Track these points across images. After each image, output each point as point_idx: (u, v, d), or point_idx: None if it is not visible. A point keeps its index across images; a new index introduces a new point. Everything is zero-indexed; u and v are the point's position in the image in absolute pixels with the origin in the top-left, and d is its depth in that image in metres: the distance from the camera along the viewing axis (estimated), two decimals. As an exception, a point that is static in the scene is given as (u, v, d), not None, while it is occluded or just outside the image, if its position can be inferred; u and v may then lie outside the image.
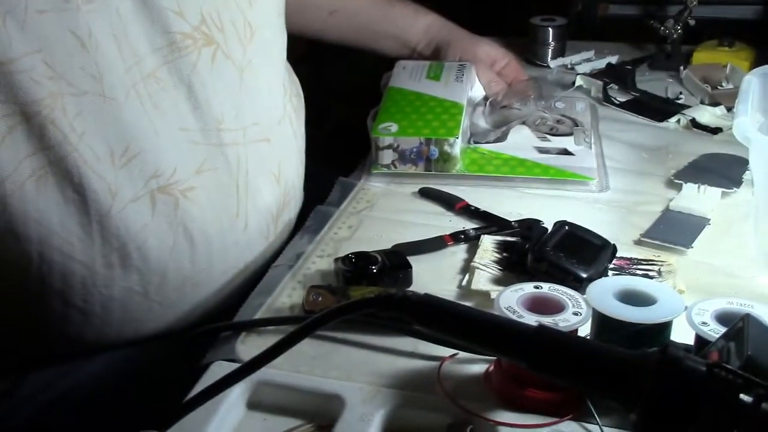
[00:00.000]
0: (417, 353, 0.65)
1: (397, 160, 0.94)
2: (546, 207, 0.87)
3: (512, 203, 0.89)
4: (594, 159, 0.96)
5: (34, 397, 0.77)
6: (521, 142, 0.99)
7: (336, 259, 0.75)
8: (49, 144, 0.66)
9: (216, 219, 0.77)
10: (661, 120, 1.12)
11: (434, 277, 0.76)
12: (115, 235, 0.71)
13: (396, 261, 0.74)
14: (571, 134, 1.01)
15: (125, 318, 0.76)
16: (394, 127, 0.95)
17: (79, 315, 0.74)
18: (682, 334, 0.59)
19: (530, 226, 0.82)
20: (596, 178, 0.92)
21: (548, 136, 1.00)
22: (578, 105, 1.10)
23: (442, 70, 1.08)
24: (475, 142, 1.00)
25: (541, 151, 0.97)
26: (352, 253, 0.74)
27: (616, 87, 1.21)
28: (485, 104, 1.07)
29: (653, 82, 1.25)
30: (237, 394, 0.60)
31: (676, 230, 0.82)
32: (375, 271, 0.72)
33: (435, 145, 0.93)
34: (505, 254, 0.78)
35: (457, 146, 0.93)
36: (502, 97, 1.09)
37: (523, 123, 1.03)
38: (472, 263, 0.77)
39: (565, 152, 0.96)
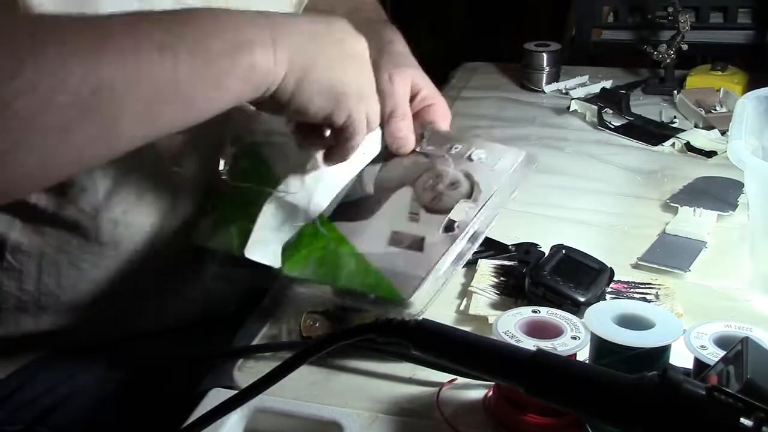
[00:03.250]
0: (415, 379, 0.65)
1: None
2: (543, 230, 0.87)
3: (509, 226, 0.89)
4: (436, 267, 0.66)
5: (35, 401, 0.77)
6: (385, 222, 0.72)
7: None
8: None
9: None
10: (655, 144, 1.12)
11: (432, 301, 0.76)
12: None
13: None
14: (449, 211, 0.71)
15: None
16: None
17: None
18: (680, 358, 0.59)
19: (527, 249, 0.82)
20: (411, 301, 0.65)
21: (422, 213, 0.71)
22: (502, 162, 0.74)
23: None
24: (334, 215, 0.73)
25: (394, 240, 0.70)
26: None
27: (611, 111, 1.22)
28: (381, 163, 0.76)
29: (647, 107, 1.26)
30: (234, 421, 0.60)
31: (673, 254, 0.83)
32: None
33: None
34: (502, 278, 0.78)
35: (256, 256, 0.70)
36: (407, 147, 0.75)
37: (413, 183, 0.74)
38: (470, 288, 0.77)
39: (418, 244, 0.69)
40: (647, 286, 0.77)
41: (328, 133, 0.67)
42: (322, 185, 0.71)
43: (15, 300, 0.74)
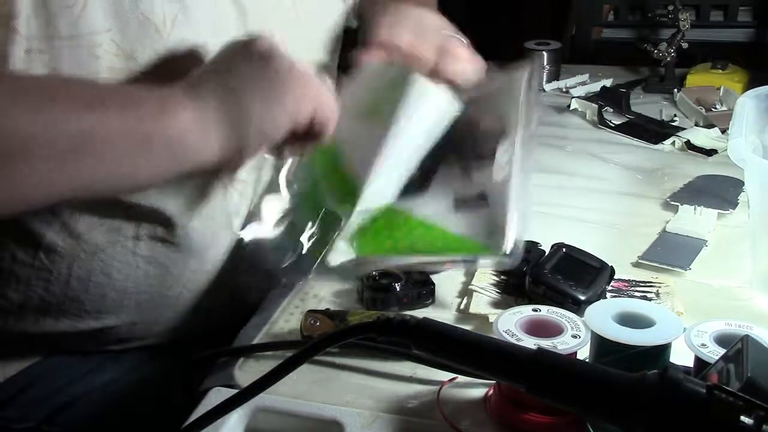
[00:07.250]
0: (416, 378, 0.65)
1: None
2: (543, 229, 0.87)
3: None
4: (508, 208, 0.68)
5: (45, 401, 0.78)
6: (443, 190, 0.73)
7: (359, 278, 0.75)
8: None
9: None
10: (656, 142, 1.12)
11: (432, 300, 0.76)
12: None
13: (419, 279, 0.75)
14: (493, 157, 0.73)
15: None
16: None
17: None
18: (681, 356, 0.59)
19: (528, 248, 0.82)
20: (503, 249, 0.66)
21: (472, 167, 0.74)
22: (515, 84, 0.76)
23: (384, 94, 0.73)
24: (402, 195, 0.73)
25: (458, 204, 0.72)
26: (376, 271, 0.74)
27: (611, 110, 1.22)
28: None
29: (648, 105, 1.26)
30: (235, 420, 0.60)
31: (673, 252, 0.83)
32: (399, 288, 0.73)
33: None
34: (503, 277, 0.78)
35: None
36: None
37: (455, 143, 0.75)
38: (470, 286, 0.77)
39: (482, 198, 0.71)
40: (648, 284, 0.77)
41: None
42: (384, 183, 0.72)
43: (39, 300, 0.74)
